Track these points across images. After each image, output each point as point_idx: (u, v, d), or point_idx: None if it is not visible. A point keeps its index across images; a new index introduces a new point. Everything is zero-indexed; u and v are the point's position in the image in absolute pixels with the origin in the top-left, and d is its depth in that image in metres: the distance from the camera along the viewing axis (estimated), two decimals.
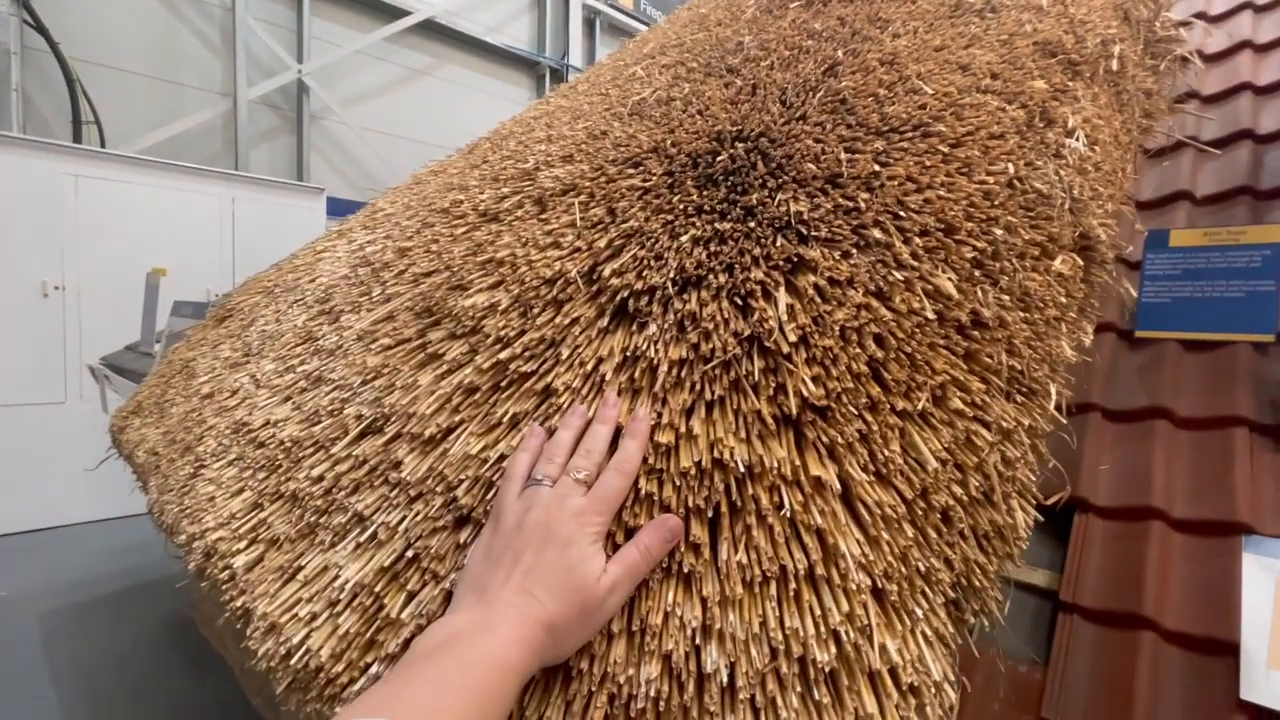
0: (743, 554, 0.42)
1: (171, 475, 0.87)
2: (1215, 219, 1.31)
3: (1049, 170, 0.68)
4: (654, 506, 0.44)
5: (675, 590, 0.41)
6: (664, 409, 0.49)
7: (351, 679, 0.44)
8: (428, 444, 0.54)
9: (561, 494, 0.45)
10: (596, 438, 0.49)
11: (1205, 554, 0.94)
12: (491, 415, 0.54)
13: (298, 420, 0.71)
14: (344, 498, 0.56)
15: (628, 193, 0.72)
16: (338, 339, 0.81)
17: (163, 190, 4.00)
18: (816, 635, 0.40)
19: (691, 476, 0.45)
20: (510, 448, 0.50)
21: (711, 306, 0.55)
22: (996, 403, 0.56)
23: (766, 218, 0.61)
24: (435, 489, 0.50)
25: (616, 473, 0.46)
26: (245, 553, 0.60)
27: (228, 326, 1.25)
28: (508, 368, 0.57)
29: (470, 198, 0.98)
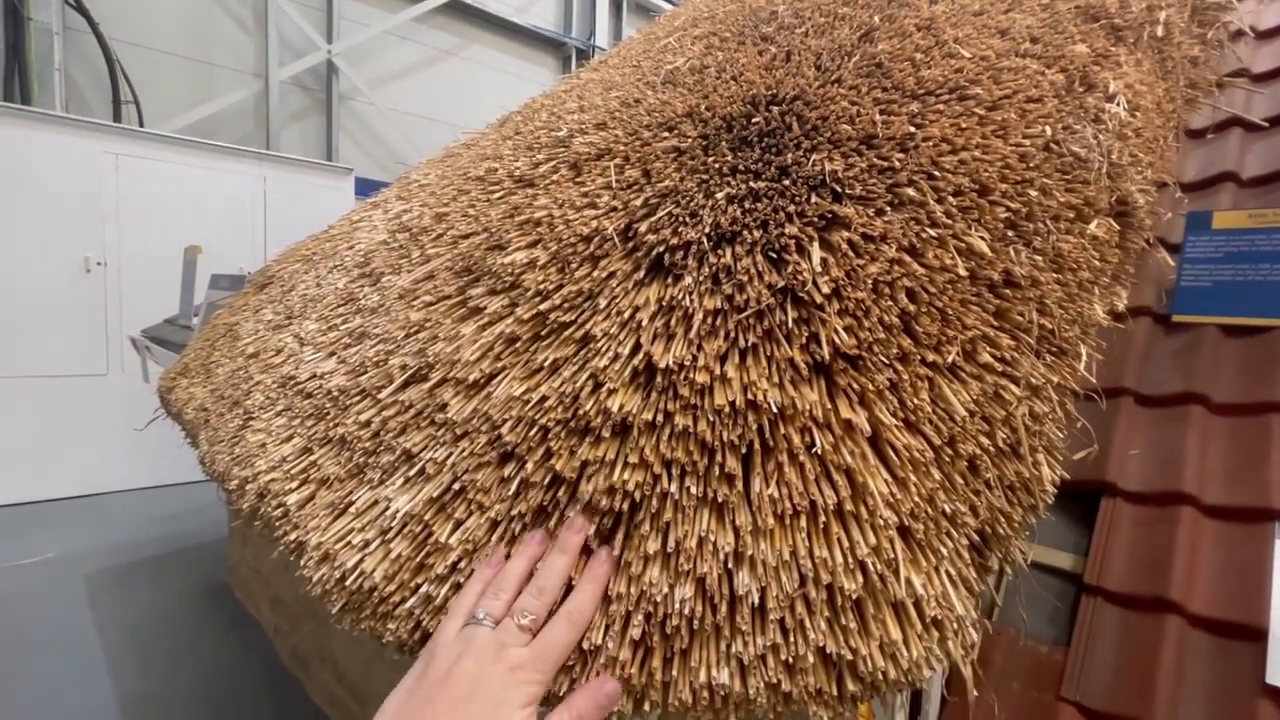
0: (774, 488, 0.44)
1: (221, 428, 0.91)
2: (1262, 201, 1.28)
3: (1087, 134, 0.68)
4: (688, 439, 0.46)
5: (709, 518, 0.44)
6: (699, 354, 0.51)
7: (403, 598, 0.47)
8: (471, 388, 0.57)
9: (500, 641, 0.40)
10: (552, 573, 0.43)
11: (1237, 540, 0.93)
12: (532, 361, 0.56)
13: (343, 373, 0.74)
14: (391, 439, 0.59)
15: (662, 155, 0.73)
16: (379, 298, 0.84)
17: (199, 169, 4.10)
18: (844, 565, 0.42)
19: (725, 414, 0.47)
20: (552, 390, 0.52)
21: (746, 260, 0.56)
22: (1026, 359, 0.56)
23: (801, 176, 0.62)
24: (480, 428, 0.53)
25: (566, 623, 0.41)
26: (297, 491, 0.64)
27: (268, 293, 1.29)
28: (547, 318, 0.59)
29: (505, 165, 1.00)
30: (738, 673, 0.40)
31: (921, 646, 0.42)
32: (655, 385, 0.50)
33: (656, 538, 0.43)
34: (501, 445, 0.51)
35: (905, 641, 0.42)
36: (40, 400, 3.67)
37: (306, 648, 2.35)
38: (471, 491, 0.49)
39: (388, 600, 0.47)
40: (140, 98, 4.34)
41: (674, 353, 0.51)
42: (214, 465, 0.87)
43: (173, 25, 4.58)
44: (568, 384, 0.52)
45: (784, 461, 0.45)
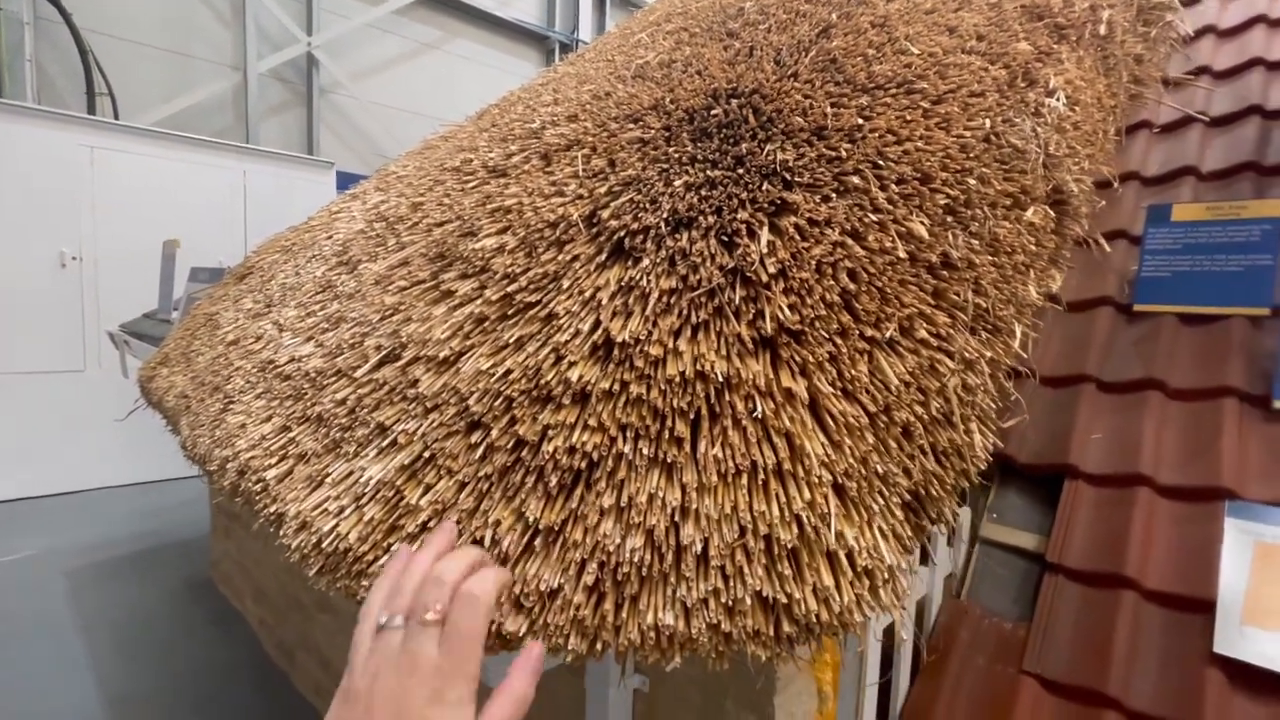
0: (719, 450, 0.48)
1: (202, 413, 0.94)
2: (1220, 195, 1.33)
3: (1026, 127, 0.72)
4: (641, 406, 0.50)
5: (659, 477, 0.47)
6: (654, 329, 0.54)
7: (376, 557, 0.51)
8: (442, 365, 0.60)
9: (412, 651, 0.37)
10: (451, 564, 0.41)
11: (1189, 519, 0.99)
12: (499, 339, 0.59)
13: (321, 355, 0.77)
14: (366, 415, 0.62)
15: (627, 145, 0.77)
16: (356, 285, 0.87)
17: (177, 162, 4.06)
18: (780, 518, 0.46)
19: (676, 384, 0.50)
20: (517, 364, 0.55)
21: (700, 244, 0.60)
22: (960, 336, 0.61)
23: (755, 165, 0.66)
24: (449, 401, 0.56)
25: (468, 605, 0.38)
26: (276, 467, 0.67)
27: (248, 282, 1.31)
28: (514, 299, 0.63)
29: (479, 156, 1.03)
30: (682, 615, 0.43)
31: (852, 593, 0.46)
32: (613, 358, 0.53)
33: (611, 494, 0.47)
34: (469, 415, 0.54)
35: (837, 588, 0.46)
36: (17, 397, 3.63)
37: (292, 640, 2.36)
38: (441, 458, 0.53)
39: (361, 559, 0.51)
40: (115, 90, 4.29)
41: (631, 328, 0.54)
42: (195, 449, 0.89)
43: (148, 15, 4.52)
44: (531, 358, 0.55)
45: (728, 426, 0.49)
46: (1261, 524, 0.95)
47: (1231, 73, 1.54)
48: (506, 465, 0.50)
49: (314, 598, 2.24)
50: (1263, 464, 0.98)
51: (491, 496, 0.49)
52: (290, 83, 5.32)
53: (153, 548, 3.23)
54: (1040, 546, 1.01)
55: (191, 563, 3.07)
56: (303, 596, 2.30)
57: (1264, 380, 1.05)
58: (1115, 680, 0.83)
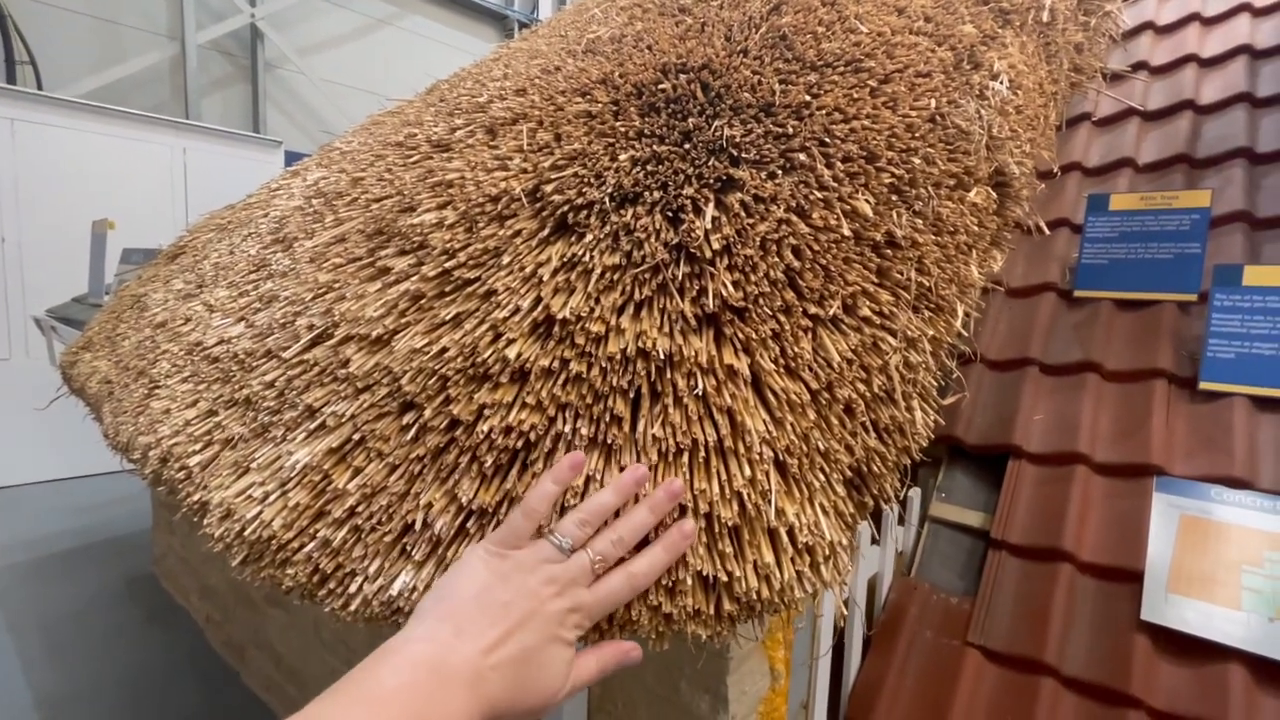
0: (659, 429, 0.47)
1: (125, 399, 0.88)
2: (1154, 185, 1.39)
3: (970, 108, 0.73)
4: (581, 384, 0.49)
5: (598, 459, 0.46)
6: (596, 306, 0.53)
7: (301, 544, 0.48)
8: (375, 344, 0.58)
9: (570, 578, 0.41)
10: (633, 526, 0.44)
11: (1121, 494, 1.03)
12: (436, 316, 0.57)
13: (251, 336, 0.73)
14: (295, 396, 0.59)
15: (574, 119, 0.75)
16: (290, 263, 0.83)
17: (108, 138, 3.82)
18: (721, 496, 0.45)
19: (617, 361, 0.49)
20: (453, 342, 0.53)
21: (645, 219, 0.58)
22: (904, 314, 0.61)
23: (702, 141, 0.65)
24: (381, 381, 0.54)
25: (628, 582, 0.42)
26: (200, 453, 0.63)
27: (180, 262, 1.24)
28: (452, 275, 0.60)
29: (424, 131, 0.99)
30: None
31: (793, 570, 0.46)
32: (553, 335, 0.52)
33: None
34: (401, 395, 0.52)
35: (778, 565, 0.46)
36: None
37: (241, 636, 2.29)
38: (371, 440, 0.50)
39: (286, 547, 0.48)
40: (38, 58, 4.00)
41: (572, 305, 0.53)
42: (118, 437, 0.84)
43: None
44: (468, 336, 0.53)
45: (669, 404, 0.48)
46: (1186, 498, 0.99)
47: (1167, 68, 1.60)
48: (440, 446, 0.48)
49: (265, 593, 2.17)
50: (1188, 442, 1.03)
51: (424, 479, 0.47)
52: (233, 56, 5.06)
53: (87, 545, 3.07)
54: (986, 524, 1.05)
55: (130, 559, 2.93)
56: (252, 593, 2.23)
57: (1191, 363, 1.10)
58: (1051, 649, 0.87)
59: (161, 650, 2.34)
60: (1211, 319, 1.10)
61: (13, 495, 3.53)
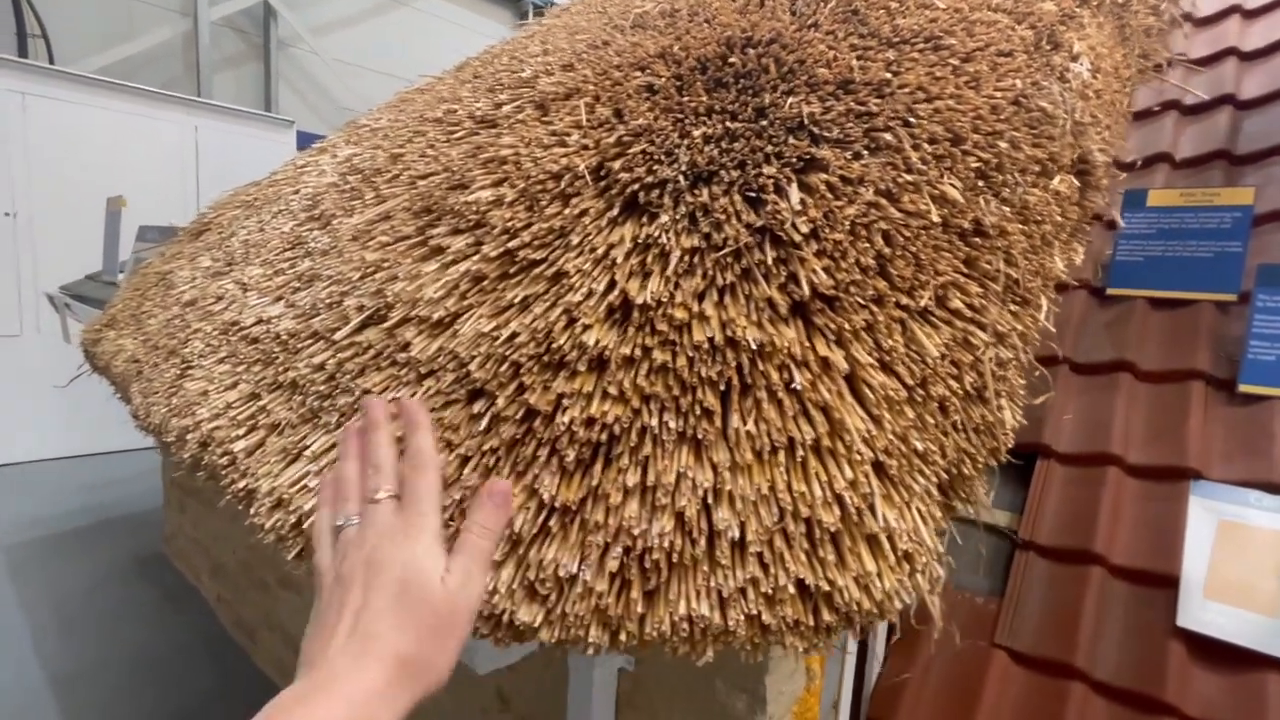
0: (752, 425, 0.43)
1: (156, 379, 0.85)
2: (1191, 181, 1.34)
3: (1055, 90, 0.69)
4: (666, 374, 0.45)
5: (688, 454, 0.43)
6: (676, 291, 0.49)
7: None
8: (436, 326, 0.54)
9: (369, 520, 0.39)
10: (378, 450, 0.43)
11: (1155, 497, 1.00)
12: (501, 299, 0.53)
13: (293, 316, 0.70)
14: (349, 381, 0.56)
15: (635, 94, 0.71)
16: (330, 241, 0.79)
17: (120, 114, 3.78)
18: (822, 499, 0.42)
19: (705, 351, 0.46)
20: (524, 327, 0.50)
21: (723, 200, 0.55)
22: (994, 307, 0.57)
23: (779, 118, 0.61)
24: (446, 366, 0.50)
25: (414, 471, 0.41)
26: (245, 439, 0.60)
27: (205, 239, 1.21)
28: (516, 256, 0.57)
29: (464, 107, 0.95)
30: (717, 606, 0.39)
31: (894, 579, 0.43)
32: (632, 321, 0.48)
33: (635, 471, 0.42)
34: (470, 382, 0.48)
35: (879, 574, 0.42)
36: None
37: (253, 617, 2.28)
38: (438, 430, 0.47)
39: None
40: (50, 33, 3.96)
41: (651, 289, 0.49)
42: (149, 418, 0.81)
43: None
44: (540, 320, 0.50)
45: (762, 398, 0.44)
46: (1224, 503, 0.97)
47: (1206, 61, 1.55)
48: (515, 437, 0.45)
49: (278, 575, 2.16)
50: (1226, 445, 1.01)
51: (499, 472, 0.44)
52: (246, 33, 5.01)
53: (98, 522, 3.06)
54: (1014, 524, 1.02)
55: (141, 538, 2.92)
56: (265, 574, 2.22)
57: (1229, 365, 1.07)
58: (1082, 652, 0.85)
59: (173, 630, 2.34)
60: (1254, 320, 1.07)
61: (23, 472, 3.53)
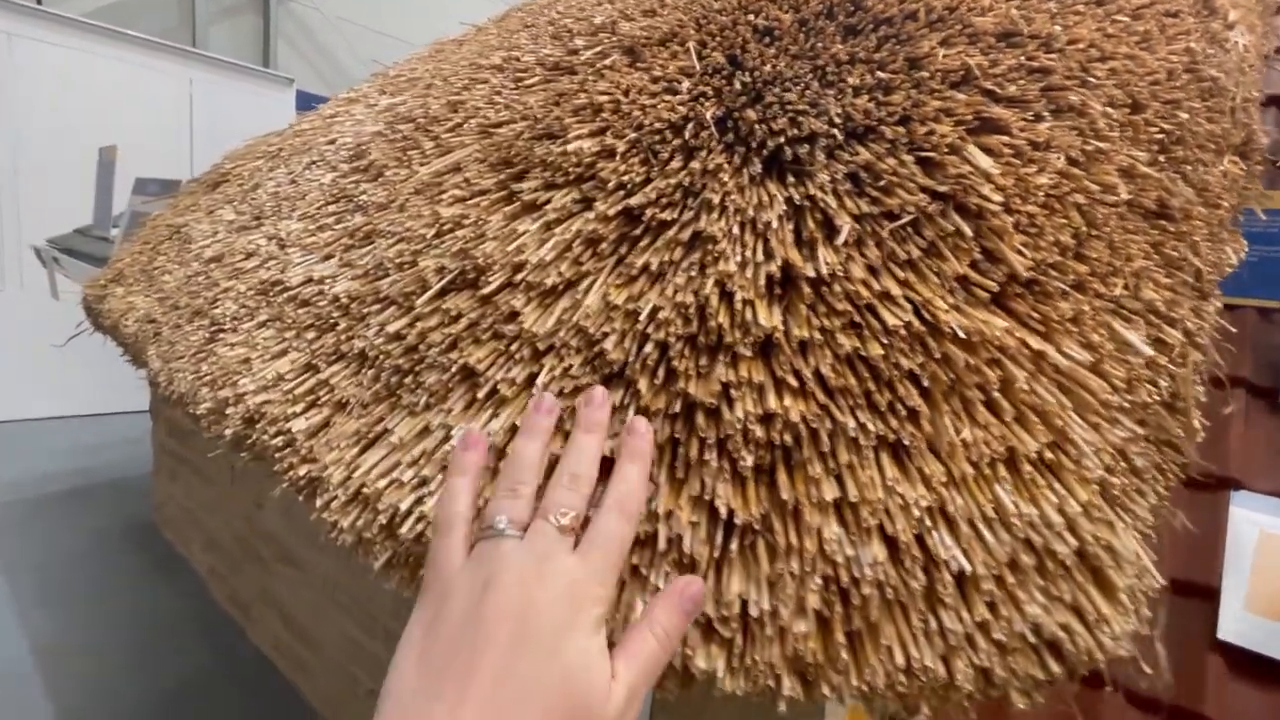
0: (967, 431, 0.35)
1: (180, 341, 0.75)
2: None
3: (1224, 58, 0.61)
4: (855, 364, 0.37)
5: (890, 464, 0.35)
6: (850, 264, 0.41)
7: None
8: (549, 295, 0.46)
9: (542, 553, 0.30)
10: (584, 456, 0.33)
11: (1196, 506, 0.96)
12: (628, 265, 0.45)
13: (351, 276, 0.61)
14: (437, 354, 0.47)
15: (751, 40, 0.62)
16: (387, 194, 0.70)
17: (112, 60, 3.59)
18: (1057, 525, 0.34)
19: (901, 336, 0.37)
20: (665, 299, 0.41)
21: (890, 160, 0.46)
22: (1186, 300, 0.50)
23: (939, 70, 0.52)
24: (570, 342, 0.42)
25: (619, 514, 0.32)
26: (305, 417, 0.51)
27: (224, 191, 1.10)
28: (640, 215, 0.48)
29: (528, 54, 0.85)
30: (941, 653, 0.32)
31: (1125, 620, 0.35)
32: (802, 297, 0.40)
33: (830, 483, 0.34)
34: (605, 365, 0.40)
35: (1112, 617, 0.35)
36: None
37: (248, 592, 2.20)
38: (569, 420, 0.39)
39: None
40: None
41: (824, 260, 0.41)
42: (172, 384, 0.72)
43: None
44: (684, 292, 0.41)
45: (973, 399, 0.36)
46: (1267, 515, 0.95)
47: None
48: (672, 436, 0.36)
49: (275, 551, 2.07)
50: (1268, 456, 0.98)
51: (654, 477, 0.36)
52: None
53: (85, 487, 2.95)
54: None
55: (129, 505, 2.81)
56: (262, 549, 2.13)
57: (1272, 372, 1.04)
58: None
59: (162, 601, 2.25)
60: None
61: (8, 431, 3.39)
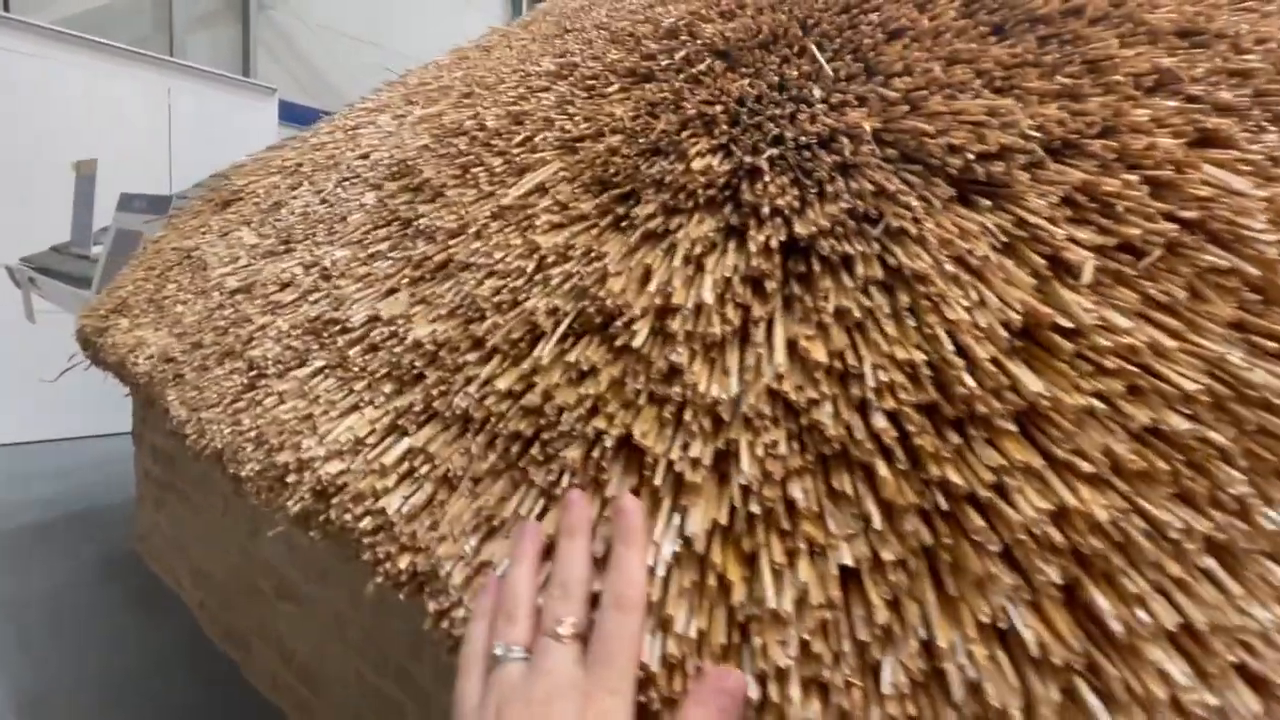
0: None
1: (209, 387, 0.66)
2: None
3: None
4: (1151, 442, 0.29)
5: (1225, 574, 0.27)
6: (1106, 307, 0.33)
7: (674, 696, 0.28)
8: (713, 349, 0.37)
9: (547, 670, 0.29)
10: (569, 562, 0.33)
11: None
12: (816, 310, 0.37)
13: (432, 317, 0.52)
14: (573, 421, 0.38)
15: (886, 42, 0.54)
16: (456, 218, 0.61)
17: (84, 70, 3.43)
18: None
19: (1203, 404, 0.30)
20: (883, 358, 0.33)
21: (1114, 181, 0.39)
22: None
23: (1130, 74, 0.46)
24: (765, 413, 0.33)
25: (617, 610, 0.30)
26: (398, 491, 0.42)
27: (239, 211, 1.00)
28: (808, 247, 0.40)
29: (593, 59, 0.78)
30: None
31: None
32: (1057, 353, 0.32)
33: (1162, 602, 0.26)
34: (823, 441, 0.32)
35: None
36: None
37: (245, 626, 2.06)
38: (780, 511, 0.30)
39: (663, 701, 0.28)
40: None
41: (1073, 306, 0.33)
42: (205, 438, 0.62)
43: None
44: (900, 346, 0.33)
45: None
46: None
47: None
48: (936, 538, 0.28)
49: (274, 584, 1.95)
50: None
51: (950, 610, 0.27)
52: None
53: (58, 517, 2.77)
54: None
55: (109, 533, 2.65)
56: (260, 582, 2.01)
57: None
58: None
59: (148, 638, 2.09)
60: None
61: None
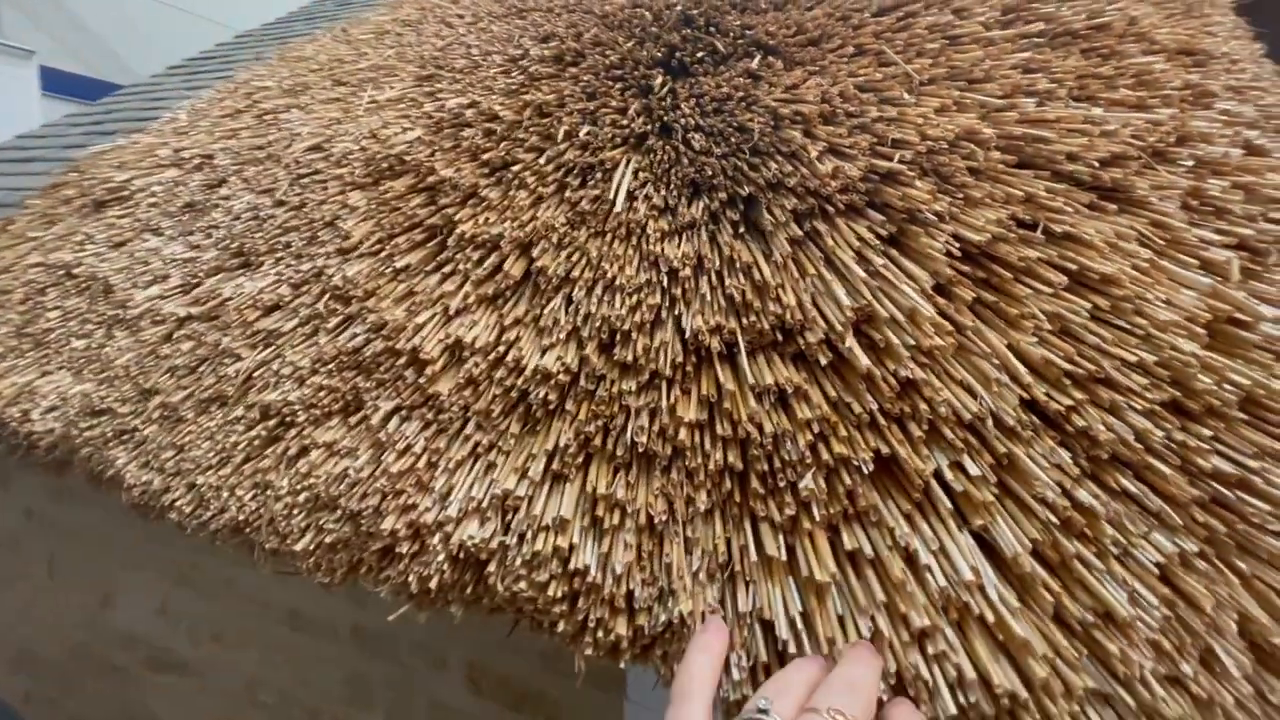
0: None
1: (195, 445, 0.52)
2: None
3: None
4: None
5: None
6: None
7: None
8: (934, 358, 0.36)
9: None
10: (863, 675, 0.34)
11: None
12: (1027, 317, 0.37)
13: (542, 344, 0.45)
14: (803, 448, 0.35)
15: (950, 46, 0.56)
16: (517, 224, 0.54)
17: None
18: None
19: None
20: (1107, 358, 0.34)
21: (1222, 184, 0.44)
22: None
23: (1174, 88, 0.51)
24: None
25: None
26: (588, 548, 0.36)
27: (130, 214, 0.80)
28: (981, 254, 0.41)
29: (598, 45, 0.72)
30: None
31: None
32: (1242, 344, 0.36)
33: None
34: (1094, 446, 0.32)
35: None
36: None
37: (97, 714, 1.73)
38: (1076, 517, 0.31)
39: None
40: None
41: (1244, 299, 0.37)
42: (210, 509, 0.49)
43: None
44: (1123, 349, 0.35)
45: None
46: None
47: None
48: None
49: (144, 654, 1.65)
50: None
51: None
52: None
53: None
54: None
55: None
56: (117, 655, 1.69)
57: None
58: None
59: None
60: None
61: None
